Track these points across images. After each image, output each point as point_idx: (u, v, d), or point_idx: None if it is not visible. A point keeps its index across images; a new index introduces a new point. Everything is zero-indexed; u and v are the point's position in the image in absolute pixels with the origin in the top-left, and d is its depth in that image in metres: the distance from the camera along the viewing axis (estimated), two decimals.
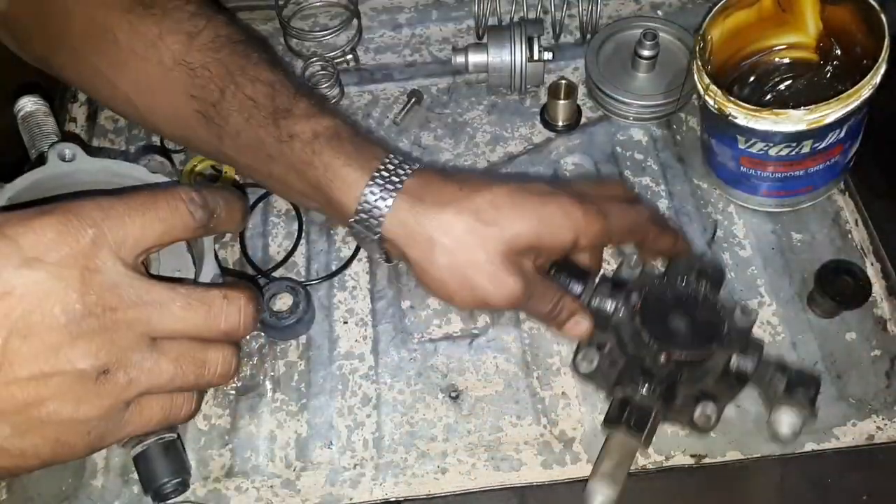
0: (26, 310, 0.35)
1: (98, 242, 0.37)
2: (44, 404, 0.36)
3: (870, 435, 0.61)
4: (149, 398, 0.40)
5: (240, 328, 0.42)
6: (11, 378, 0.35)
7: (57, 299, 0.35)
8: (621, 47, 0.80)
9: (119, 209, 0.38)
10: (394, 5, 0.88)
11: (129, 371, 0.38)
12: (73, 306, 0.35)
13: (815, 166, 0.66)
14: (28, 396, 0.35)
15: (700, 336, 0.57)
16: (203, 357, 0.41)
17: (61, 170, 0.50)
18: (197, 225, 0.41)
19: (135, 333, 0.38)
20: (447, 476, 0.61)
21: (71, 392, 0.36)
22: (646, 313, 0.58)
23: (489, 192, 0.56)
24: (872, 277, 0.66)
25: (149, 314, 0.38)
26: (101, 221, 0.37)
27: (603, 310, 0.60)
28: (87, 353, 0.36)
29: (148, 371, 0.39)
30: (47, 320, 0.35)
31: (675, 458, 0.61)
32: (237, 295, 0.42)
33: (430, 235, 0.54)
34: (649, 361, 0.57)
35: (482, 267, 0.54)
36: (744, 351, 0.58)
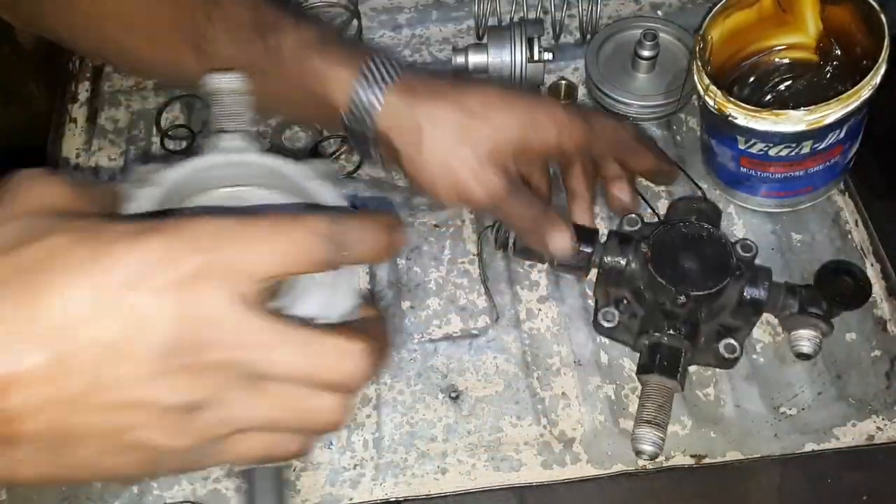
0: (121, 335, 0.32)
1: (205, 271, 0.33)
2: (133, 431, 0.34)
3: (870, 435, 0.61)
4: (249, 434, 0.37)
5: (352, 380, 0.37)
6: (103, 403, 0.33)
7: (153, 329, 0.33)
8: (621, 47, 0.80)
9: (235, 235, 0.34)
10: (394, 5, 0.88)
11: (221, 410, 0.35)
12: (167, 337, 0.33)
13: (815, 167, 0.66)
14: (117, 422, 0.34)
15: (712, 271, 0.60)
16: (307, 405, 0.37)
17: (220, 159, 0.45)
18: (322, 260, 0.36)
19: (232, 372, 0.35)
20: (447, 476, 0.61)
21: (159, 423, 0.34)
22: (657, 260, 0.60)
23: (480, 91, 0.58)
24: (872, 278, 0.66)
25: (249, 356, 0.35)
26: (211, 247, 0.34)
27: (615, 265, 0.62)
28: (177, 388, 0.34)
29: (242, 411, 0.36)
30: (140, 350, 0.33)
31: (675, 458, 0.61)
32: (354, 345, 0.37)
33: (419, 125, 0.56)
34: (669, 305, 0.60)
35: (467, 162, 0.56)
36: (753, 281, 0.61)
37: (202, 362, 0.34)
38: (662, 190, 0.74)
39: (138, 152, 0.78)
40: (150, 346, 0.33)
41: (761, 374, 0.64)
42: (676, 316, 0.60)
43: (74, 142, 0.80)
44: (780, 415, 0.62)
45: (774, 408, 0.63)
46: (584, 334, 0.66)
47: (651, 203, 0.72)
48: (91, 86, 0.84)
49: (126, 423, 0.34)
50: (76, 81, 0.84)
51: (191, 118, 0.80)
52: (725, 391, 0.63)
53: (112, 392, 0.33)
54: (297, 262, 0.35)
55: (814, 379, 0.64)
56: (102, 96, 0.83)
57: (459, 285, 0.70)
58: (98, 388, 0.33)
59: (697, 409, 0.63)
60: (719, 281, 0.60)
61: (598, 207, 0.73)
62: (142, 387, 0.33)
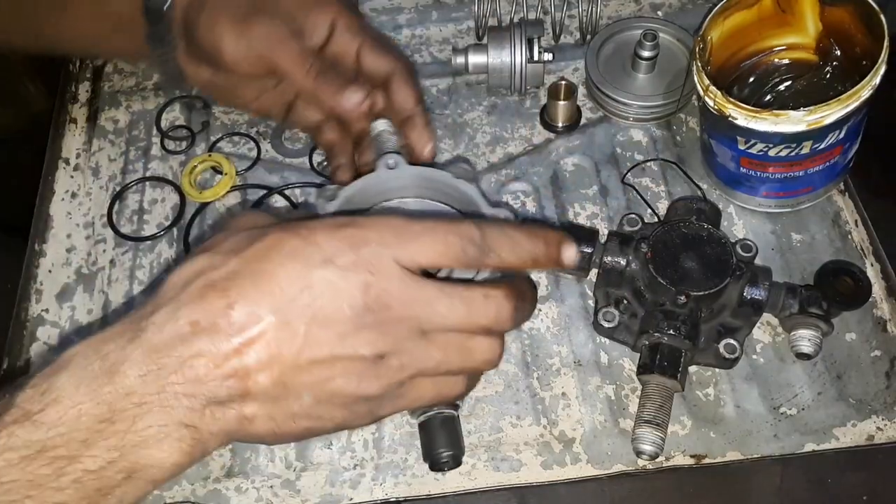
0: (323, 303, 0.41)
1: (381, 252, 0.43)
2: (334, 380, 0.42)
3: (870, 435, 0.61)
4: (421, 379, 0.46)
5: (499, 322, 0.46)
6: (312, 358, 0.41)
7: (345, 296, 0.42)
8: (621, 48, 0.80)
9: (404, 230, 0.44)
10: (394, 5, 0.88)
11: (402, 357, 0.44)
12: (357, 302, 0.42)
13: (815, 167, 0.66)
14: (322, 373, 0.42)
15: (712, 271, 0.60)
16: (468, 346, 0.46)
17: (386, 175, 0.59)
18: (468, 260, 0.45)
19: (407, 326, 0.43)
20: (447, 476, 0.61)
21: (354, 372, 0.43)
22: (657, 260, 0.61)
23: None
24: (872, 278, 0.66)
25: (418, 311, 0.44)
26: (387, 236, 0.43)
27: (615, 265, 0.63)
28: (368, 341, 0.42)
29: (418, 357, 0.44)
30: (338, 313, 0.42)
31: (675, 459, 0.61)
32: (496, 293, 0.46)
33: None
34: (669, 305, 0.60)
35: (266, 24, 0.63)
36: (754, 281, 0.61)
37: (384, 320, 0.43)
38: (662, 190, 0.74)
39: (138, 152, 0.78)
40: (343, 311, 0.42)
41: (761, 374, 0.64)
42: (676, 316, 0.60)
43: (74, 142, 0.80)
44: (780, 415, 0.62)
45: (774, 408, 0.63)
46: (584, 334, 0.66)
47: (651, 203, 0.72)
48: (91, 86, 0.84)
49: (330, 374, 0.42)
50: (76, 81, 0.84)
51: (191, 118, 0.80)
52: (725, 391, 0.63)
53: (318, 349, 0.41)
54: (446, 257, 0.45)
55: (814, 379, 0.64)
56: (102, 96, 0.83)
57: None
58: (309, 345, 0.41)
59: (697, 409, 0.63)
60: (719, 281, 0.60)
61: (598, 208, 0.73)
62: (341, 343, 0.42)
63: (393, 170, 0.59)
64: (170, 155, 0.78)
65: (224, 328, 0.40)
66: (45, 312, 0.70)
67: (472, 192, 0.58)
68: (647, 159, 0.76)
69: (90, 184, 0.77)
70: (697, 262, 0.61)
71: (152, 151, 0.78)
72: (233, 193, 0.75)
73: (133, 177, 0.77)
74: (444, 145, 0.78)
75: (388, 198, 0.60)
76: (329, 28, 0.65)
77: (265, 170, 0.77)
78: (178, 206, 0.75)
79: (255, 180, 0.76)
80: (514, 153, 0.77)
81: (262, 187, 0.75)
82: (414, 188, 0.60)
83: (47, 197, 0.76)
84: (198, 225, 0.74)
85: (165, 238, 0.73)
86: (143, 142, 0.79)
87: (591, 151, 0.77)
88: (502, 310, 0.46)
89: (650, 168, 0.75)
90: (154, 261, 0.72)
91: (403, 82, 0.66)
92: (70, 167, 0.78)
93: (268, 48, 0.63)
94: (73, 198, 0.76)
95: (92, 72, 0.85)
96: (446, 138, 0.78)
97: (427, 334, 0.44)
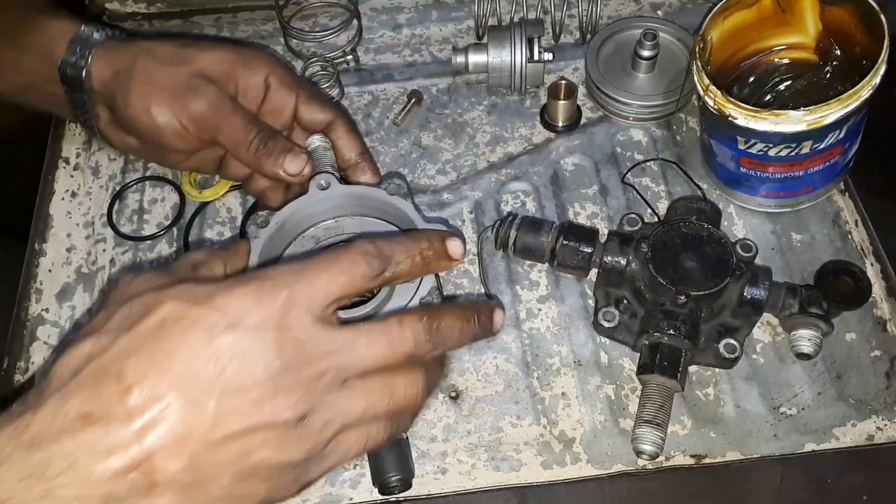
0: (233, 371, 0.38)
1: (290, 303, 0.40)
2: (254, 453, 0.39)
3: (870, 435, 0.61)
4: (346, 433, 0.43)
5: (419, 345, 0.44)
6: (226, 433, 0.38)
7: (258, 359, 0.39)
8: (621, 48, 0.80)
9: (308, 269, 0.42)
10: (394, 5, 0.88)
11: (325, 413, 0.41)
12: (272, 364, 0.39)
13: (815, 167, 0.66)
14: (241, 447, 0.39)
15: (712, 270, 0.60)
16: (390, 384, 0.44)
17: (318, 196, 0.58)
18: (374, 273, 0.44)
19: (328, 379, 0.41)
20: (447, 476, 0.61)
21: (276, 440, 0.39)
22: (657, 260, 0.61)
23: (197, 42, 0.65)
24: (872, 278, 0.66)
25: (338, 361, 0.41)
26: (293, 283, 0.41)
27: (615, 265, 0.63)
28: (289, 404, 0.39)
29: (342, 410, 0.42)
30: (252, 379, 0.39)
31: (675, 459, 0.61)
32: (409, 317, 0.44)
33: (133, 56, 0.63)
34: (669, 305, 0.60)
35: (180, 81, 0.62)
36: (754, 281, 0.61)
37: (303, 377, 0.40)
38: (662, 190, 0.74)
39: None
40: (258, 375, 0.39)
41: (761, 374, 0.64)
42: (676, 316, 0.60)
43: (74, 142, 0.80)
44: (780, 415, 0.62)
45: (774, 408, 0.63)
46: (584, 334, 0.66)
47: (651, 203, 0.72)
48: None
49: (248, 447, 0.39)
50: None
51: None
52: (725, 391, 0.63)
53: (233, 421, 0.38)
54: (355, 279, 0.43)
55: (814, 379, 0.64)
56: None
57: (459, 285, 0.70)
58: (222, 419, 0.38)
59: (697, 409, 0.63)
60: (719, 281, 0.60)
61: (598, 207, 0.73)
62: (258, 410, 0.39)
63: (325, 190, 0.59)
64: None
65: (121, 416, 0.36)
66: (45, 312, 0.70)
67: (407, 209, 0.57)
68: (647, 159, 0.76)
69: (90, 183, 0.77)
70: (697, 261, 0.61)
71: None
72: (232, 193, 0.75)
73: (133, 176, 0.77)
74: (444, 145, 0.78)
75: (323, 219, 0.59)
76: (264, 86, 0.64)
77: None
78: (177, 206, 0.75)
79: None
80: (514, 153, 0.77)
81: None
82: (348, 207, 0.59)
83: (47, 196, 0.76)
84: (198, 224, 0.74)
85: (165, 238, 0.73)
86: None
87: (591, 151, 0.77)
88: (419, 331, 0.44)
89: (650, 168, 0.75)
90: (154, 260, 0.72)
91: (345, 132, 0.65)
92: (70, 167, 0.78)
93: (208, 124, 0.61)
94: (73, 197, 0.76)
95: None
96: (446, 138, 0.78)
97: (348, 382, 0.42)
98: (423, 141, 0.78)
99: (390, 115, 0.80)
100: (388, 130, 0.79)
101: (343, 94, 0.81)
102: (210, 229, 0.74)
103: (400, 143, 0.78)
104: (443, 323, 0.45)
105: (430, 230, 0.52)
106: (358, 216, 0.60)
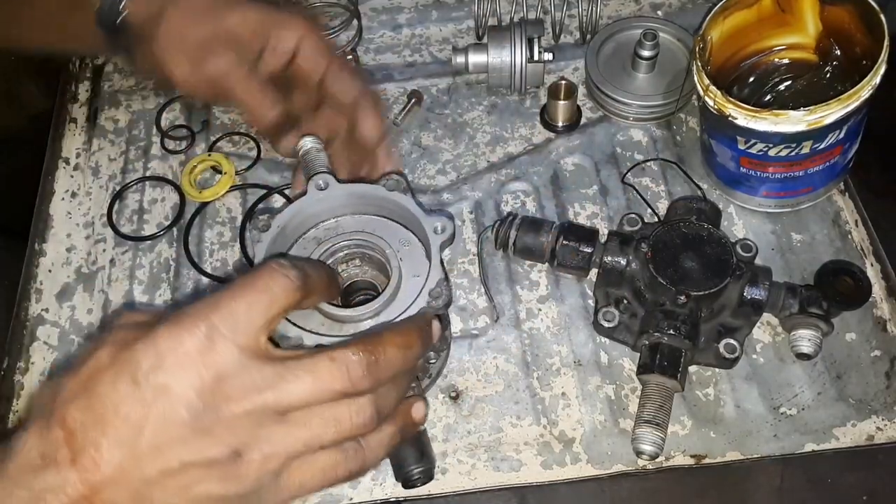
0: (158, 412, 0.39)
1: (211, 336, 0.40)
2: (196, 486, 0.40)
3: (870, 435, 0.61)
4: (297, 463, 0.42)
5: (354, 383, 0.42)
6: (162, 470, 0.39)
7: (180, 399, 0.39)
8: (621, 48, 0.80)
9: (223, 299, 0.41)
10: (394, 5, 0.88)
11: (263, 447, 0.41)
12: (193, 404, 0.39)
13: (815, 167, 0.66)
14: (180, 482, 0.39)
15: (712, 270, 0.60)
16: (334, 414, 0.42)
17: (317, 197, 0.58)
18: (295, 285, 0.43)
19: (257, 414, 0.40)
20: (447, 476, 0.61)
21: (214, 475, 0.40)
22: (657, 260, 0.61)
23: None
24: (872, 278, 0.66)
25: (264, 396, 0.40)
26: (210, 315, 0.40)
27: (615, 265, 0.63)
28: (213, 443, 0.39)
29: (280, 442, 0.41)
30: (176, 419, 0.39)
31: (675, 459, 0.61)
32: (342, 354, 0.42)
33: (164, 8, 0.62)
34: (669, 305, 0.60)
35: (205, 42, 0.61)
36: (754, 281, 0.61)
37: (228, 415, 0.40)
38: (662, 190, 0.74)
39: (138, 152, 0.78)
40: (180, 416, 0.39)
41: (761, 374, 0.64)
42: (676, 316, 0.60)
43: (74, 142, 0.80)
44: (780, 415, 0.62)
45: (774, 408, 0.63)
46: (584, 334, 0.66)
47: (651, 203, 0.72)
48: (91, 86, 0.84)
49: (188, 481, 0.40)
50: (76, 81, 0.84)
51: (191, 118, 0.80)
52: (725, 391, 0.63)
53: (167, 459, 0.39)
54: (274, 304, 0.42)
55: (814, 379, 0.64)
56: (102, 96, 0.83)
57: (459, 285, 0.70)
58: (154, 458, 0.39)
59: (697, 409, 0.63)
60: (719, 281, 0.60)
61: (598, 207, 0.73)
62: (187, 449, 0.39)
63: (324, 190, 0.58)
64: (170, 154, 0.78)
65: (66, 459, 0.38)
66: (45, 312, 0.70)
67: (408, 204, 0.57)
68: (647, 159, 0.76)
69: (90, 183, 0.77)
70: (697, 261, 0.61)
71: (152, 151, 0.78)
72: (232, 193, 0.75)
73: (133, 176, 0.77)
74: (444, 145, 0.78)
75: (323, 219, 0.59)
76: (294, 47, 0.64)
77: (265, 169, 0.77)
78: (177, 206, 0.75)
79: (254, 180, 0.76)
80: (514, 153, 0.77)
81: (261, 187, 0.75)
82: (348, 206, 0.59)
83: (47, 197, 0.76)
84: (198, 224, 0.74)
85: (165, 237, 0.73)
86: (142, 141, 0.79)
87: (591, 151, 0.77)
88: (353, 369, 0.42)
89: (650, 168, 0.75)
90: (154, 260, 0.72)
91: (370, 112, 0.65)
92: (70, 167, 0.78)
93: (221, 86, 0.62)
94: (73, 197, 0.76)
95: (92, 71, 0.85)
96: (446, 138, 0.78)
97: (287, 415, 0.41)
98: (423, 141, 0.78)
99: (390, 115, 0.80)
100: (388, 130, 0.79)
101: None
102: (210, 229, 0.74)
103: (400, 143, 0.78)
104: (382, 356, 0.44)
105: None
106: (358, 215, 0.60)
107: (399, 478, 0.55)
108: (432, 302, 0.53)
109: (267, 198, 0.75)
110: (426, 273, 0.55)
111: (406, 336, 0.46)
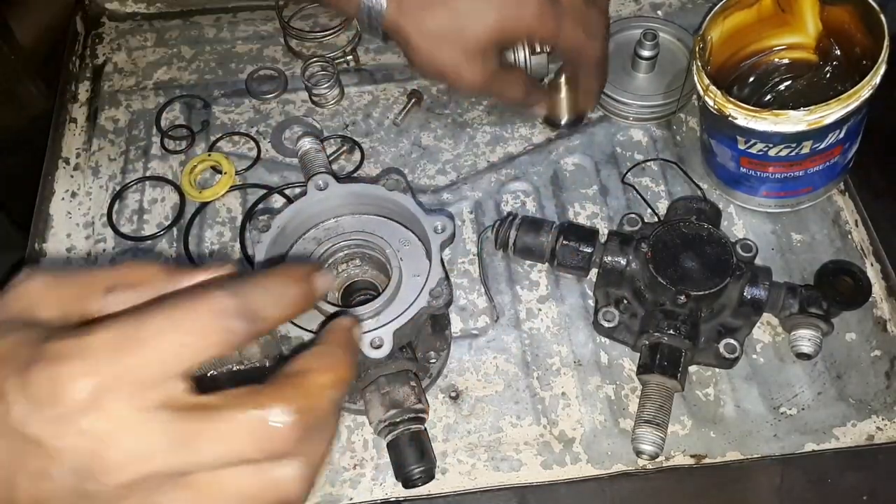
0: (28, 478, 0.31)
1: (103, 391, 0.31)
2: None
3: (870, 435, 0.61)
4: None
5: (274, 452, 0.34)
6: None
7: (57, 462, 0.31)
8: (621, 47, 0.80)
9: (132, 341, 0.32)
10: None
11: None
12: (73, 468, 0.31)
13: (815, 167, 0.66)
14: None
15: (712, 270, 0.60)
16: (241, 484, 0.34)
17: (317, 197, 0.58)
18: (240, 338, 0.34)
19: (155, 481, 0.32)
20: (447, 476, 0.61)
21: None
22: (657, 260, 0.61)
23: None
24: (872, 278, 0.66)
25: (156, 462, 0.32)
26: (106, 366, 0.31)
27: (615, 265, 0.63)
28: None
29: None
30: (48, 486, 0.31)
31: (675, 459, 0.61)
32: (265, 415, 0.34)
33: (408, 33, 0.66)
34: (669, 305, 0.60)
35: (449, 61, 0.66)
36: (754, 281, 0.61)
37: (119, 483, 0.31)
38: (662, 190, 0.74)
39: (138, 152, 0.78)
40: (57, 483, 0.31)
41: (761, 374, 0.64)
42: (676, 316, 0.60)
43: (74, 142, 0.80)
44: (780, 415, 0.62)
45: (774, 408, 0.63)
46: (584, 334, 0.66)
47: (651, 203, 0.72)
48: (91, 86, 0.84)
49: None
50: (76, 81, 0.84)
51: (190, 118, 0.80)
52: (725, 391, 0.63)
53: None
54: (208, 347, 0.33)
55: (814, 379, 0.64)
56: (102, 96, 0.83)
57: (459, 285, 0.70)
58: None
59: (697, 409, 0.63)
60: (719, 281, 0.60)
61: (598, 207, 0.73)
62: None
63: (324, 190, 0.58)
64: (170, 154, 0.78)
65: None
66: None
67: (408, 203, 0.57)
68: (647, 159, 0.76)
69: (90, 183, 0.77)
70: (697, 261, 0.61)
71: (152, 151, 0.78)
72: (232, 193, 0.75)
73: (133, 176, 0.77)
74: (444, 145, 0.78)
75: (323, 219, 0.60)
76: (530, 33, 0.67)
77: (265, 169, 0.77)
78: (177, 206, 0.75)
79: (254, 180, 0.76)
80: (514, 153, 0.77)
81: (261, 187, 0.75)
82: (348, 206, 0.59)
83: (47, 197, 0.76)
84: (198, 224, 0.74)
85: (165, 237, 0.73)
86: (142, 141, 0.79)
87: (591, 151, 0.77)
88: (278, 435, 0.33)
89: (650, 168, 0.75)
90: (154, 260, 0.72)
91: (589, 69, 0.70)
92: (70, 167, 0.78)
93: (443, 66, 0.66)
94: (73, 197, 0.76)
95: (92, 71, 0.85)
96: (446, 138, 0.78)
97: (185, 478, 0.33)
98: (423, 141, 0.78)
99: (390, 115, 0.80)
100: (388, 130, 0.79)
101: (343, 95, 0.81)
102: (210, 229, 0.74)
103: (400, 143, 0.78)
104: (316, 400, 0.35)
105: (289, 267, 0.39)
106: (358, 214, 0.60)
107: (399, 477, 0.55)
108: (433, 301, 0.53)
109: (267, 198, 0.75)
110: (426, 272, 0.55)
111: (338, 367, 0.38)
